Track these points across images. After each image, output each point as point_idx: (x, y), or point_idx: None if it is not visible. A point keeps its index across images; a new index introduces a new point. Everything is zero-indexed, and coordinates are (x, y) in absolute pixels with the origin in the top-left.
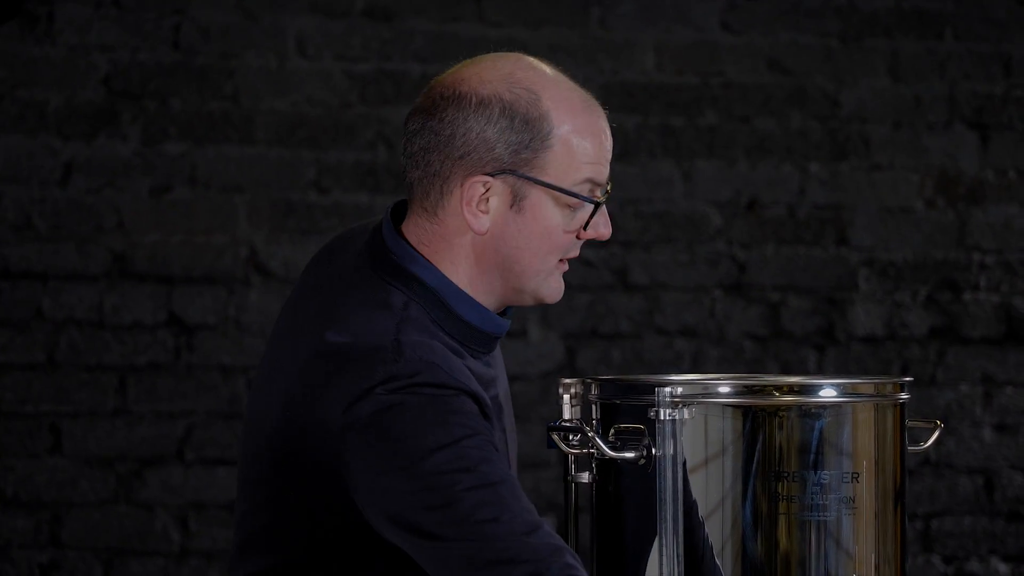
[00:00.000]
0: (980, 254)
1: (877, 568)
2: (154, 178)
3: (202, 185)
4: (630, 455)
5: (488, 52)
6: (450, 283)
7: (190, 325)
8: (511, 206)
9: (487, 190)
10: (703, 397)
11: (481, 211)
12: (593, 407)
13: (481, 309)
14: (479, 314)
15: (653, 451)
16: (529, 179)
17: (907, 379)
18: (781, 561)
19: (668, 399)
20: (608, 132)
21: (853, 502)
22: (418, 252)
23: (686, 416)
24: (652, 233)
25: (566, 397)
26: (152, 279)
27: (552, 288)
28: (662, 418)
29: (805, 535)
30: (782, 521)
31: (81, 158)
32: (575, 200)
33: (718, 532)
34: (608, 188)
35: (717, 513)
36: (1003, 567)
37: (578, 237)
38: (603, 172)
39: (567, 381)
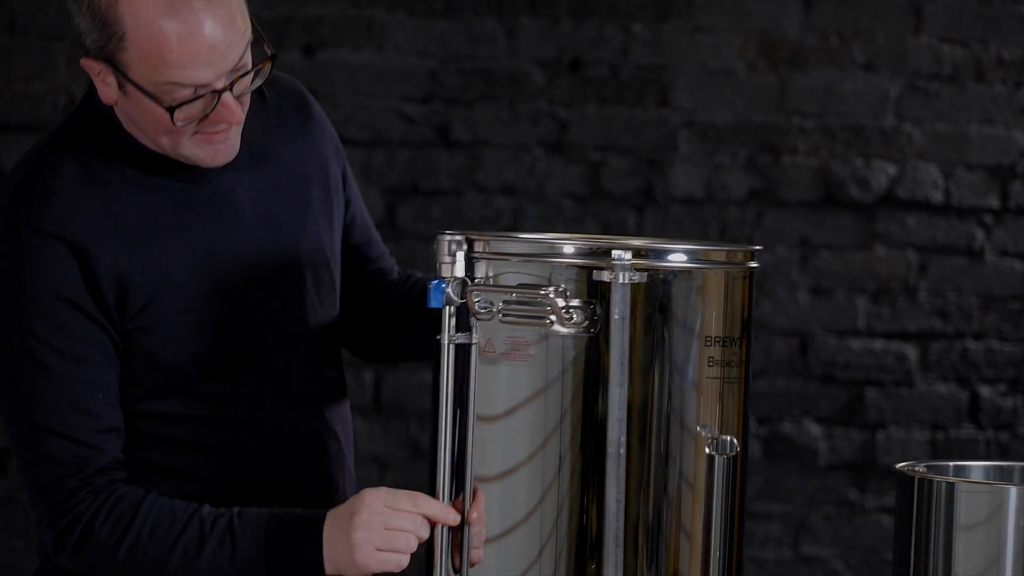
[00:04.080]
0: (800, 118)
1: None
2: None
3: (21, 32)
4: (583, 320)
5: None
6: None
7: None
8: (119, 89)
9: (96, 72)
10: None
11: (106, 84)
12: (483, 264)
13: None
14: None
15: (604, 314)
16: (120, 72)
17: (757, 247)
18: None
19: (627, 262)
20: (207, 30)
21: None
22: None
23: (636, 279)
24: (474, 90)
25: (459, 254)
26: None
27: (201, 157)
28: (622, 281)
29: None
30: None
31: None
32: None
33: (658, 392)
34: (233, 81)
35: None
36: (815, 428)
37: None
38: (193, 74)
39: (452, 236)
